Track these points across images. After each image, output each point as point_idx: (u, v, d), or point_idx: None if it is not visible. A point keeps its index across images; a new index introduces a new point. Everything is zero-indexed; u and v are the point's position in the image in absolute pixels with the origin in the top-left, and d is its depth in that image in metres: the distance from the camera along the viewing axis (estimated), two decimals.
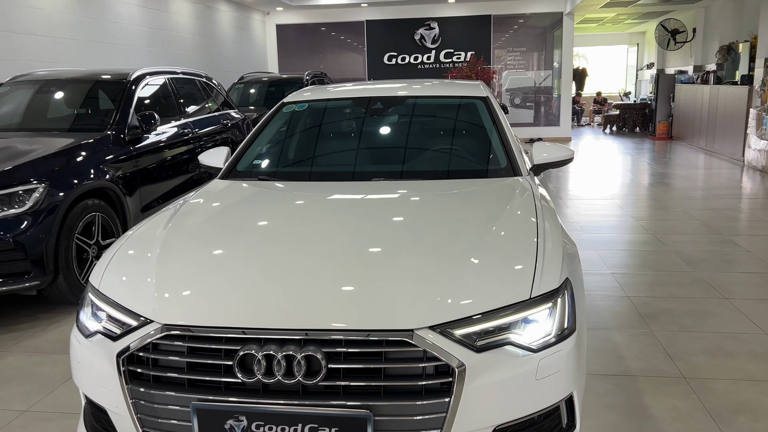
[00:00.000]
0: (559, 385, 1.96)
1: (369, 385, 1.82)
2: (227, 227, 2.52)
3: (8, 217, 3.83)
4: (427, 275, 2.02)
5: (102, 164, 4.58)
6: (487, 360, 1.86)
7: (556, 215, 2.67)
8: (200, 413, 1.85)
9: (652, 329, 3.69)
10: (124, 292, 2.10)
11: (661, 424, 2.68)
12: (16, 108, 5.39)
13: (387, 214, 2.58)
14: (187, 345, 1.90)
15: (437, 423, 1.81)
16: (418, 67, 15.01)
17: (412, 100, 3.67)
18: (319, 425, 1.81)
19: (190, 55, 11.35)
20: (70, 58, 8.12)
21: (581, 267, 2.44)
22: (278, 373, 1.81)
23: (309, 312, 1.89)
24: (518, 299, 1.96)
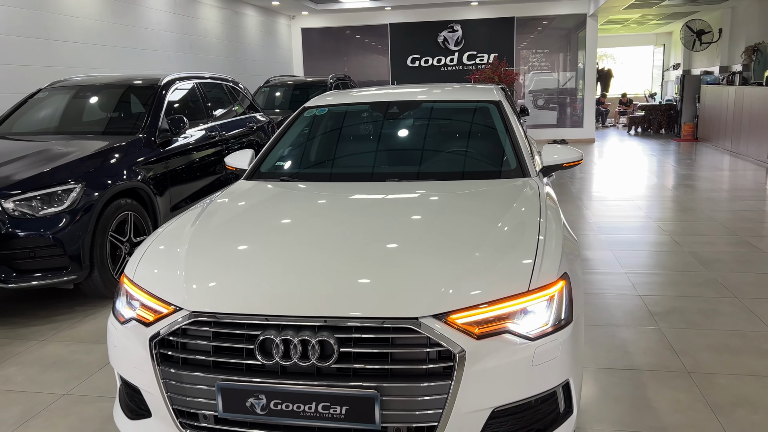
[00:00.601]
0: (555, 372, 2.10)
1: (377, 368, 1.98)
2: (250, 224, 2.71)
3: (48, 215, 4.08)
4: (433, 268, 2.18)
5: (134, 166, 4.83)
6: (486, 347, 2.01)
7: (560, 214, 2.81)
8: (224, 392, 2.04)
9: (661, 326, 3.79)
10: (155, 282, 2.30)
11: (662, 415, 2.80)
12: (54, 112, 5.68)
13: (399, 213, 2.75)
14: (213, 330, 2.09)
15: (439, 404, 1.97)
16: (441, 70, 15.15)
17: (428, 105, 3.83)
18: (331, 404, 1.98)
19: (217, 60, 11.66)
20: (104, 63, 8.45)
21: (581, 264, 2.56)
22: (294, 356, 1.99)
23: (323, 301, 2.06)
24: (517, 291, 2.11)
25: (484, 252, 2.29)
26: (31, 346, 3.76)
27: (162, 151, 5.22)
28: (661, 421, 2.75)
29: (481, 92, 3.91)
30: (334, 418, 1.99)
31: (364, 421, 1.98)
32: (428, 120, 3.76)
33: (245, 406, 2.03)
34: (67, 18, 7.80)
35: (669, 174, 10.07)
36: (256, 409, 2.02)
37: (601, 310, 4.10)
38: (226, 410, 2.05)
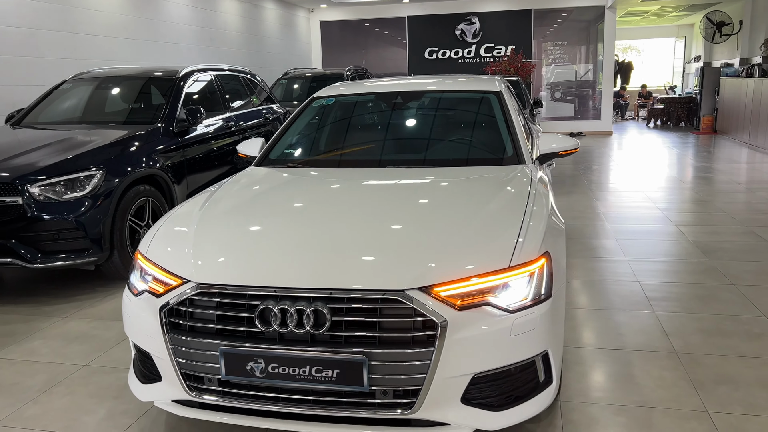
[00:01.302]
0: (533, 343, 2.26)
1: (366, 336, 2.15)
2: (255, 205, 2.90)
3: (71, 199, 4.32)
4: (421, 244, 2.34)
5: (152, 154, 5.05)
6: (467, 317, 2.17)
7: (549, 198, 2.95)
8: (226, 357, 2.22)
9: (656, 311, 3.91)
10: (166, 258, 2.49)
11: (645, 390, 2.93)
12: (77, 103, 5.93)
13: (395, 195, 2.91)
14: (217, 300, 2.27)
15: (423, 369, 2.14)
16: (459, 62, 15.22)
17: (431, 95, 3.98)
18: (323, 367, 2.16)
19: (237, 52, 11.89)
20: (126, 56, 8.71)
21: (564, 245, 2.70)
22: (291, 325, 2.17)
23: (318, 274, 2.24)
24: (498, 267, 2.27)
25: (471, 230, 2.44)
26: (55, 323, 4.00)
27: (179, 140, 5.43)
28: (643, 396, 2.88)
29: (482, 83, 4.05)
30: (326, 380, 2.16)
31: (353, 384, 2.15)
32: (431, 109, 3.92)
33: (246, 370, 2.21)
34: (91, 12, 8.06)
35: (684, 166, 10.08)
36: (255, 372, 2.21)
37: (599, 295, 4.23)
38: (228, 373, 2.24)
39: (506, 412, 2.27)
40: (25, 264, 4.22)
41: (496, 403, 2.27)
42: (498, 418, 2.25)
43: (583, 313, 3.90)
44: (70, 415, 2.86)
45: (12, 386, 3.16)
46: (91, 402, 2.98)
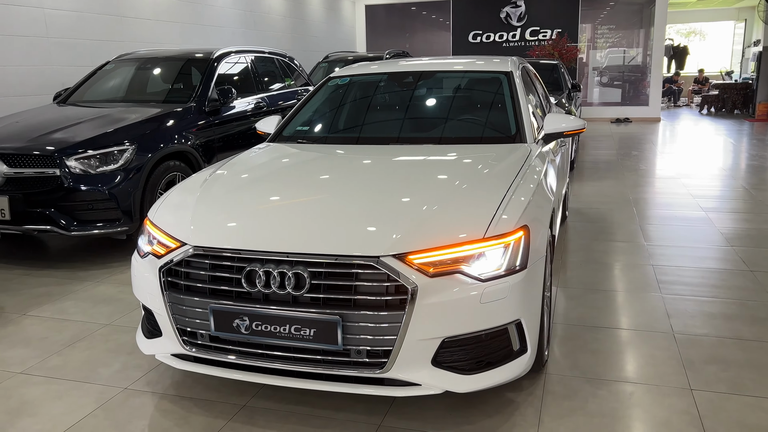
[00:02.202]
0: (503, 311, 2.35)
1: (342, 298, 2.29)
2: (253, 176, 3.08)
3: (104, 172, 4.60)
4: (400, 214, 2.47)
5: (183, 131, 5.30)
6: (437, 284, 2.28)
7: (542, 176, 3.02)
8: (215, 314, 2.40)
9: (663, 294, 3.91)
10: (169, 222, 2.69)
11: (631, 367, 2.98)
12: (119, 82, 6.25)
13: (389, 169, 3.03)
14: (209, 262, 2.45)
15: (394, 331, 2.26)
16: (503, 46, 15.07)
17: (441, 75, 4.06)
18: (301, 326, 2.31)
19: (280, 36, 12.12)
20: (171, 39, 9.04)
21: (549, 219, 2.76)
22: (274, 286, 2.33)
23: (300, 239, 2.39)
24: (473, 237, 2.36)
25: (452, 202, 2.55)
26: (87, 286, 4.30)
27: (211, 119, 5.67)
28: (629, 372, 2.93)
29: (494, 64, 4.09)
30: (305, 338, 2.32)
31: (328, 343, 2.30)
32: (440, 89, 4.00)
33: (232, 327, 2.39)
34: None
35: (730, 154, 9.79)
36: (241, 329, 2.38)
37: (608, 276, 4.24)
38: (217, 329, 2.42)
39: (476, 376, 2.37)
40: (62, 231, 4.53)
41: (467, 367, 2.38)
42: (467, 381, 2.36)
43: (586, 293, 3.93)
44: (88, 367, 3.11)
45: (41, 340, 3.45)
46: (108, 356, 3.23)
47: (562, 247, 4.94)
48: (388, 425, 2.55)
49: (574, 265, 4.50)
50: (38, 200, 4.51)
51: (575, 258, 4.66)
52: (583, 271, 4.38)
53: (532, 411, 2.63)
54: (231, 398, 2.77)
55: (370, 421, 2.57)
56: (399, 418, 2.59)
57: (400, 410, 2.64)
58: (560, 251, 4.82)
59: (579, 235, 5.31)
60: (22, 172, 4.51)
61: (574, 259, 4.62)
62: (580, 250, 4.87)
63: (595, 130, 13.12)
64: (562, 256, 4.70)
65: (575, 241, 5.11)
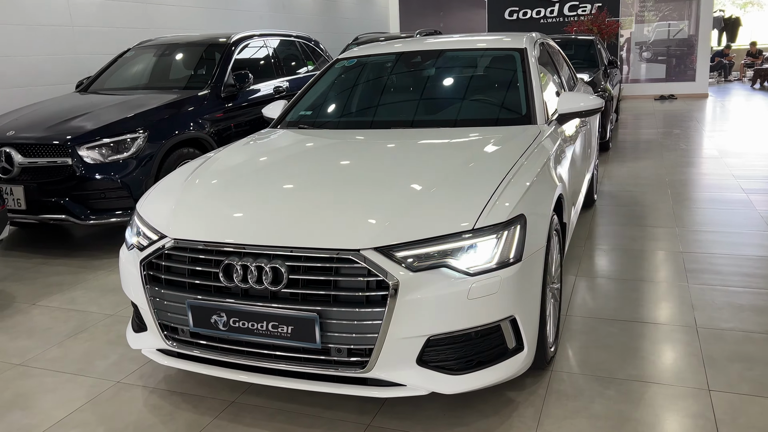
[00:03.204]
0: (494, 307, 2.18)
1: (320, 294, 2.17)
2: (241, 166, 2.96)
3: (116, 161, 4.59)
4: (385, 205, 2.31)
5: (197, 118, 5.24)
6: (421, 279, 2.13)
7: (549, 159, 2.82)
8: (193, 309, 2.31)
9: (690, 283, 3.65)
10: (153, 213, 2.61)
11: (647, 364, 2.77)
12: (138, 69, 6.24)
13: (382, 156, 2.88)
14: (189, 255, 2.36)
15: (375, 328, 2.12)
16: (541, 22, 14.57)
17: (451, 54, 3.86)
18: (279, 323, 2.20)
19: (310, 19, 12.00)
20: (197, 24, 9.02)
21: (551, 207, 2.56)
22: (251, 281, 2.21)
23: (278, 232, 2.27)
24: (461, 229, 2.20)
25: (442, 191, 2.38)
26: (99, 275, 4.30)
27: (227, 105, 5.60)
28: (642, 370, 2.72)
29: (508, 41, 3.87)
30: (282, 336, 2.21)
31: (306, 341, 2.18)
32: (449, 69, 3.80)
33: (210, 323, 2.29)
34: None
35: None
36: (219, 325, 2.28)
37: (631, 264, 4.00)
38: (195, 325, 2.33)
39: (465, 377, 2.22)
40: (76, 221, 4.54)
41: (455, 367, 2.23)
42: (455, 381, 2.21)
43: (607, 283, 3.71)
44: (85, 359, 3.09)
45: (45, 330, 3.44)
46: (107, 348, 3.20)
47: (587, 232, 4.70)
48: (377, 425, 2.43)
49: (598, 252, 4.27)
50: (52, 190, 4.53)
51: (600, 244, 4.42)
52: (606, 258, 4.14)
53: (532, 412, 2.46)
54: (221, 394, 2.69)
55: (360, 421, 2.46)
56: (390, 418, 2.46)
57: (392, 409, 2.52)
58: (584, 237, 4.59)
59: (607, 219, 5.05)
60: (35, 161, 4.53)
61: (599, 246, 4.38)
62: (606, 236, 4.62)
63: (638, 108, 12.60)
64: (586, 243, 4.46)
65: (602, 227, 4.85)
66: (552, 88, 3.86)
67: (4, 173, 4.57)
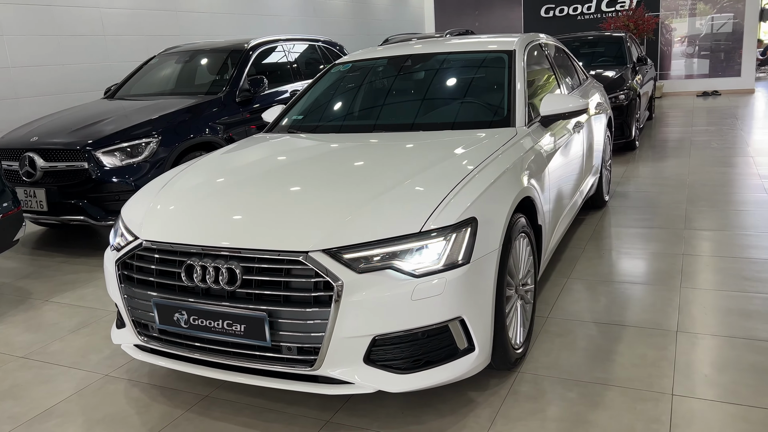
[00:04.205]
0: (439, 309, 2.23)
1: (271, 294, 2.26)
2: (216, 170, 3.08)
3: (131, 164, 4.80)
4: (334, 208, 2.39)
5: (211, 122, 5.42)
6: (366, 280, 2.19)
7: (518, 162, 2.84)
8: (158, 308, 2.44)
9: (684, 286, 3.59)
10: (131, 215, 2.76)
11: (616, 368, 2.75)
12: (162, 76, 6.48)
13: (349, 159, 2.94)
14: (156, 256, 2.49)
15: (321, 328, 2.20)
16: (578, 19, 14.34)
17: (441, 57, 3.89)
18: (233, 322, 2.30)
19: (342, 22, 12.14)
20: (227, 30, 9.27)
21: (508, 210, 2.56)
22: (209, 281, 2.33)
23: (233, 234, 2.38)
24: (408, 232, 2.25)
25: (395, 194, 2.45)
26: None
27: (241, 110, 5.76)
28: (610, 373, 2.71)
29: (499, 43, 3.87)
30: (236, 334, 2.31)
31: (257, 339, 2.28)
32: (437, 73, 3.83)
33: (173, 320, 2.42)
34: None
35: None
36: (180, 323, 2.40)
37: (629, 266, 3.95)
38: (161, 323, 2.46)
39: (412, 376, 2.27)
40: (93, 222, 4.78)
41: (402, 366, 2.28)
42: (402, 380, 2.26)
43: (598, 285, 3.68)
44: (82, 353, 3.27)
45: (52, 326, 3.66)
46: (103, 343, 3.38)
47: (590, 233, 4.65)
48: (336, 422, 2.50)
49: (597, 253, 4.23)
50: (71, 192, 4.78)
51: (601, 246, 4.37)
52: (602, 260, 4.10)
53: (488, 412, 2.49)
54: (196, 388, 2.82)
55: (321, 417, 2.54)
56: (350, 415, 2.53)
57: (354, 407, 2.59)
58: (586, 238, 4.54)
59: (616, 220, 4.98)
60: (56, 165, 4.79)
61: (599, 247, 4.34)
62: (610, 237, 4.57)
63: (677, 105, 12.25)
64: (587, 244, 4.42)
65: (607, 228, 4.79)
66: (546, 90, 3.85)
67: (28, 177, 4.85)
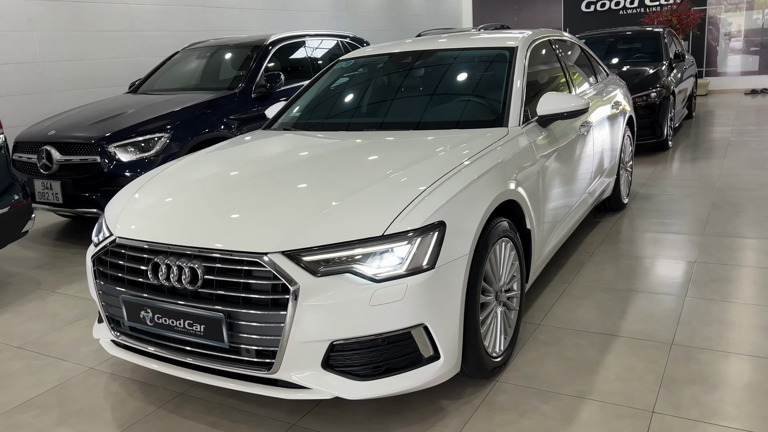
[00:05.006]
0: (399, 314, 2.16)
1: (230, 295, 2.23)
2: (195, 168, 3.07)
3: (142, 158, 4.87)
4: (299, 209, 2.35)
5: (226, 117, 5.45)
6: (323, 284, 2.14)
7: (502, 164, 2.75)
8: (126, 305, 2.45)
9: (689, 296, 3.42)
10: (110, 212, 2.78)
11: (600, 380, 2.63)
12: (184, 71, 6.56)
13: (327, 160, 2.89)
14: (127, 253, 2.50)
15: (278, 331, 2.17)
16: (620, 14, 13.91)
17: (442, 54, 3.79)
18: (193, 321, 2.29)
19: (375, 16, 12.07)
20: (255, 26, 9.33)
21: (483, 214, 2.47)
22: (173, 280, 2.32)
23: (196, 233, 2.36)
24: (370, 235, 2.19)
25: (363, 196, 2.39)
26: None
27: (257, 105, 5.78)
28: (591, 386, 2.59)
29: (502, 40, 3.76)
30: (196, 334, 2.29)
31: (216, 340, 2.26)
32: (436, 71, 3.74)
33: (140, 318, 2.42)
34: None
35: None
36: (146, 320, 2.41)
37: (635, 273, 3.79)
38: (129, 320, 2.47)
39: (372, 383, 2.22)
40: None
41: (362, 373, 2.22)
42: (361, 387, 2.21)
43: (597, 292, 3.53)
44: (73, 345, 3.33)
45: (52, 316, 3.74)
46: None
47: (603, 237, 4.49)
48: (302, 425, 2.47)
49: (605, 259, 4.07)
50: (85, 185, 4.88)
51: (612, 251, 4.21)
52: (609, 266, 3.94)
53: (457, 422, 2.41)
54: (174, 385, 2.83)
55: (287, 420, 2.51)
56: (316, 419, 2.50)
57: (322, 411, 2.55)
58: (598, 243, 4.38)
59: (633, 224, 4.79)
60: (70, 159, 4.90)
61: (609, 252, 4.18)
62: (623, 241, 4.39)
63: (722, 103, 11.76)
64: (597, 249, 4.27)
65: (623, 232, 4.61)
66: (552, 89, 3.72)
67: (45, 169, 4.97)
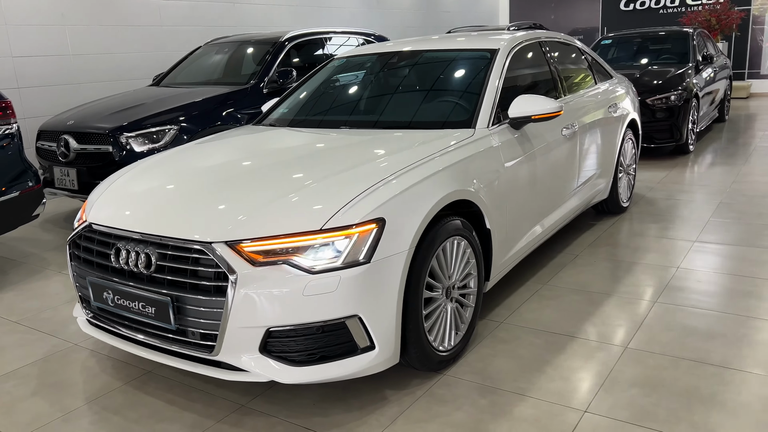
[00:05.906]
0: (332, 305, 2.28)
1: (178, 280, 2.39)
2: (172, 159, 3.23)
3: (151, 150, 5.11)
4: (247, 201, 2.49)
5: (236, 111, 5.65)
6: (260, 273, 2.28)
7: (463, 164, 2.85)
8: (92, 285, 2.64)
9: (659, 301, 3.42)
10: (90, 198, 2.98)
11: (542, 379, 2.68)
12: (205, 65, 6.79)
13: (287, 156, 3.00)
14: (96, 238, 2.69)
15: (218, 316, 2.31)
16: (659, 13, 13.60)
17: (427, 54, 3.87)
18: (146, 304, 2.46)
19: (407, 14, 12.13)
20: (283, 22, 9.53)
21: (427, 213, 2.54)
22: (131, 264, 2.49)
23: (153, 221, 2.52)
24: (308, 228, 2.32)
25: (311, 190, 2.52)
26: None
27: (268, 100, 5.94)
28: (533, 383, 2.65)
29: (487, 41, 3.81)
30: (149, 315, 2.46)
31: (164, 321, 2.42)
32: (417, 71, 3.82)
33: (103, 298, 2.61)
34: None
35: None
36: (108, 301, 2.59)
37: (612, 277, 3.80)
38: (95, 300, 2.66)
39: (306, 369, 2.34)
40: None
41: (297, 359, 2.35)
42: (295, 372, 2.33)
43: (568, 294, 3.56)
44: (63, 322, 3.56)
45: (53, 296, 3.99)
46: None
47: (590, 240, 4.49)
48: (251, 407, 2.61)
49: (586, 261, 4.08)
50: (98, 173, 5.13)
51: (595, 254, 4.22)
52: (589, 268, 3.96)
53: (394, 411, 2.51)
54: (143, 363, 3.01)
55: (238, 401, 2.65)
56: (265, 402, 2.63)
57: (274, 394, 2.68)
58: (586, 245, 4.39)
59: (629, 228, 4.77)
60: (86, 148, 5.17)
61: (595, 255, 4.19)
62: (612, 245, 4.39)
63: (761, 107, 11.40)
64: (583, 251, 4.28)
65: (613, 236, 4.60)
66: (536, 92, 3.76)
67: (63, 157, 5.27)
